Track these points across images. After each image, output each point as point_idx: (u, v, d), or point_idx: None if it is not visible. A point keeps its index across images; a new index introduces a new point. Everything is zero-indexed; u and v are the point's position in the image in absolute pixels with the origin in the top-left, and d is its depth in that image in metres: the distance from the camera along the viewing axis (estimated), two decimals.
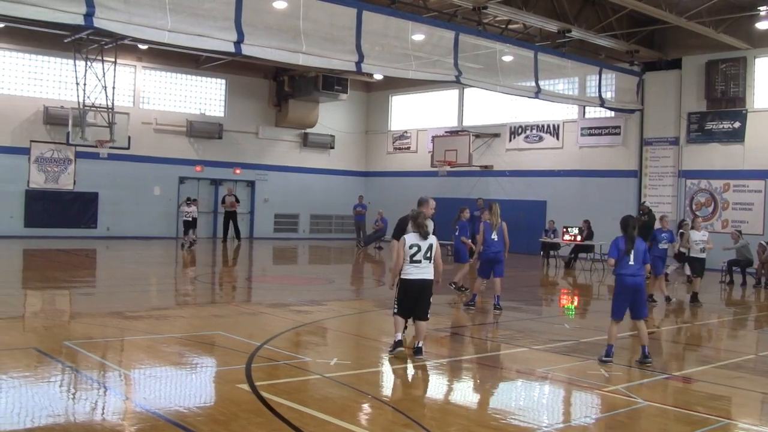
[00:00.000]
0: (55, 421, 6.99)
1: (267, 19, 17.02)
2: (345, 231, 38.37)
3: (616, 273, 10.30)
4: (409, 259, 9.87)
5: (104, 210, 31.38)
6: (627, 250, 10.16)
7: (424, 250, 9.87)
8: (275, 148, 36.29)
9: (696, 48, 26.44)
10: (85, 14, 13.94)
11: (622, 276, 10.21)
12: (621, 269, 10.21)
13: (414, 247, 9.86)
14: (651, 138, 28.05)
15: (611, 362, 10.01)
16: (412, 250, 9.86)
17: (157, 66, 32.79)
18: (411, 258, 9.87)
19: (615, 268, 10.31)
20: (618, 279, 10.30)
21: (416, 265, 9.88)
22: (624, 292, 10.26)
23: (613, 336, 10.24)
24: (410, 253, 9.86)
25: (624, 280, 10.21)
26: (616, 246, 10.26)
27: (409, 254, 9.86)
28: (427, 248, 9.90)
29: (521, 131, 32.50)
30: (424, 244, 9.88)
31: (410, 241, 9.90)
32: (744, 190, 25.70)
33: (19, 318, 13.01)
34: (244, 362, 9.32)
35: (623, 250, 10.17)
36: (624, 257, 10.16)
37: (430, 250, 9.92)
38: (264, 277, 21.92)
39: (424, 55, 20.36)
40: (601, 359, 10.11)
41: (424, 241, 9.89)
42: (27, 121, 29.76)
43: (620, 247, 10.20)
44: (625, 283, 10.21)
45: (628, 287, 10.21)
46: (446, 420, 7.46)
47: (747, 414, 8.43)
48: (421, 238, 9.88)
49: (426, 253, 9.88)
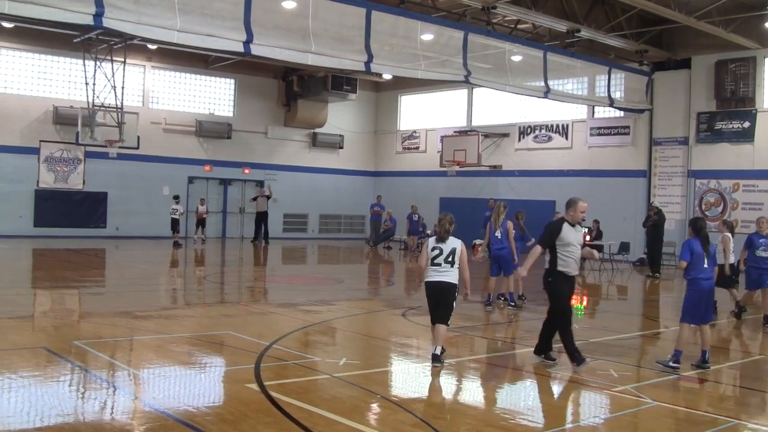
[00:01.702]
0: (64, 420, 7.01)
1: (276, 19, 17.04)
2: (354, 231, 38.40)
3: (691, 277, 9.94)
4: (431, 262, 9.71)
5: (113, 210, 31.45)
6: (706, 254, 9.90)
7: (445, 254, 9.64)
8: (284, 148, 36.32)
9: (705, 48, 26.36)
10: (94, 14, 13.98)
11: (699, 280, 9.91)
12: (697, 273, 9.89)
13: (435, 250, 9.69)
14: (660, 138, 27.97)
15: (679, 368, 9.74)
16: (434, 253, 9.68)
17: (166, 66, 32.85)
18: (432, 261, 9.70)
19: (688, 271, 9.95)
20: (694, 283, 9.94)
21: (436, 268, 9.66)
22: (701, 297, 9.97)
23: (684, 342, 9.95)
24: (432, 255, 9.70)
25: (701, 284, 9.92)
26: (689, 248, 9.92)
27: (431, 256, 9.70)
28: (449, 252, 9.64)
29: (530, 131, 32.45)
30: (445, 247, 9.65)
31: (432, 243, 9.77)
32: (754, 190, 25.60)
33: (29, 317, 13.05)
34: (254, 362, 9.32)
35: (699, 253, 9.89)
36: (699, 260, 9.89)
37: (453, 254, 9.65)
38: (273, 276, 21.93)
39: (433, 55, 20.35)
40: (668, 365, 9.75)
41: (445, 244, 9.68)
42: (36, 120, 29.85)
43: (696, 249, 9.89)
44: (702, 287, 9.93)
45: (705, 291, 9.96)
46: (455, 420, 7.46)
47: (757, 415, 8.39)
48: (441, 240, 9.71)
49: (447, 257, 9.64)
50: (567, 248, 9.63)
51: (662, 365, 9.82)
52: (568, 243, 9.62)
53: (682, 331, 9.98)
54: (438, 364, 9.48)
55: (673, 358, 9.84)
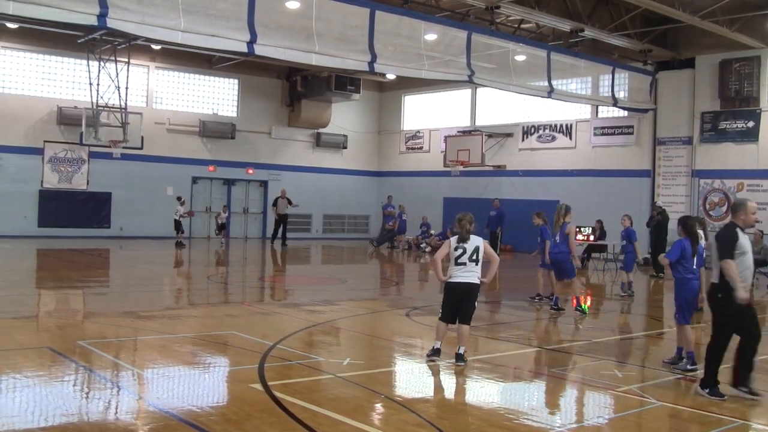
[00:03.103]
0: (68, 420, 7.01)
1: (280, 19, 17.04)
2: (358, 231, 38.41)
3: (682, 276, 9.90)
4: (454, 262, 9.66)
5: (117, 210, 31.50)
6: (693, 253, 9.88)
7: (469, 252, 9.60)
8: (288, 148, 36.34)
9: (709, 47, 26.31)
10: (98, 15, 13.98)
11: (690, 279, 9.89)
12: (687, 272, 9.88)
13: (459, 249, 9.63)
14: (664, 137, 27.94)
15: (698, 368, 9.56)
16: (457, 252, 9.63)
17: (170, 66, 32.88)
18: (456, 260, 9.64)
19: (678, 271, 9.92)
20: (684, 282, 9.91)
21: (461, 268, 9.63)
22: (691, 296, 9.95)
23: (691, 341, 9.88)
24: (455, 255, 9.64)
25: (692, 283, 9.91)
26: (681, 248, 9.86)
27: (454, 256, 9.65)
28: (473, 250, 9.62)
29: (534, 131, 32.43)
30: (468, 246, 9.61)
31: (455, 243, 9.69)
32: (758, 190, 25.54)
33: (33, 317, 13.07)
34: (257, 362, 9.33)
35: (690, 252, 9.84)
36: (689, 260, 9.87)
37: (477, 252, 9.63)
38: (277, 276, 21.93)
39: (437, 55, 20.33)
40: (687, 369, 9.64)
41: (468, 243, 9.62)
42: (41, 121, 29.90)
43: (687, 249, 9.84)
44: (692, 286, 9.92)
45: (694, 290, 9.95)
46: (459, 420, 7.45)
47: (762, 415, 8.37)
48: (463, 240, 9.65)
49: (472, 255, 9.61)
50: (743, 257, 8.55)
51: (680, 370, 9.67)
52: (744, 251, 8.57)
53: (685, 333, 9.91)
54: (462, 363, 9.52)
55: (689, 360, 9.76)
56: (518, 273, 23.40)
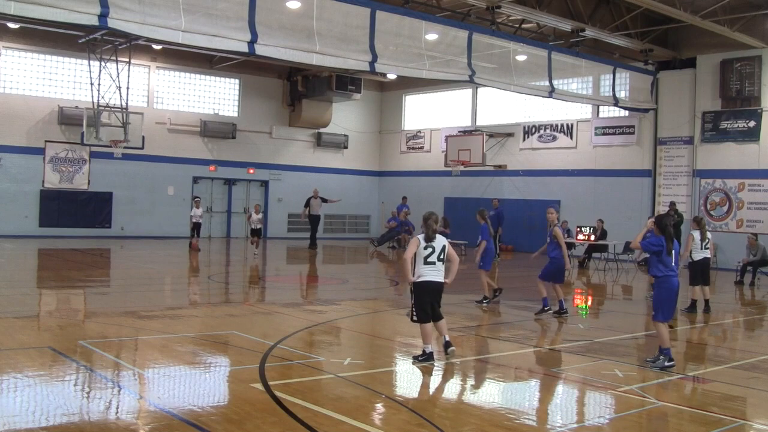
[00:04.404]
0: (69, 420, 7.02)
1: (280, 19, 17.03)
2: (359, 231, 38.42)
3: (662, 274, 9.98)
4: (424, 261, 9.78)
5: (118, 210, 31.52)
6: (669, 250, 9.93)
7: (437, 252, 9.79)
8: (289, 148, 36.35)
9: (710, 47, 26.32)
10: (99, 15, 13.98)
11: (670, 277, 9.98)
12: (667, 270, 9.96)
13: (428, 248, 9.78)
14: (665, 137, 27.94)
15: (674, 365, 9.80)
16: (426, 252, 9.77)
17: (171, 66, 32.90)
18: (425, 260, 9.78)
19: (658, 269, 9.99)
20: (665, 280, 10.00)
21: (431, 267, 9.79)
22: (671, 294, 10.03)
23: (667, 339, 9.98)
24: (425, 254, 9.77)
25: (672, 280, 9.99)
26: (660, 245, 9.93)
27: (423, 255, 9.77)
28: (440, 249, 9.82)
29: (535, 131, 32.43)
30: (436, 245, 9.79)
31: (423, 242, 9.81)
32: (759, 190, 25.56)
33: (35, 317, 13.07)
34: (258, 362, 9.34)
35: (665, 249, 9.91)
36: (668, 258, 9.94)
37: (443, 251, 9.85)
38: (278, 276, 21.94)
39: (438, 55, 20.33)
40: (665, 366, 9.78)
41: (435, 242, 9.80)
42: (42, 121, 29.91)
43: (663, 246, 9.92)
44: (673, 284, 10.00)
45: (675, 288, 10.04)
46: (459, 420, 7.46)
47: (762, 414, 8.38)
48: (430, 240, 9.80)
49: (440, 255, 9.81)
50: None
51: (658, 368, 9.80)
52: None
53: (661, 330, 10.03)
54: (454, 348, 10.04)
55: (666, 357, 9.89)
56: (519, 273, 23.41)
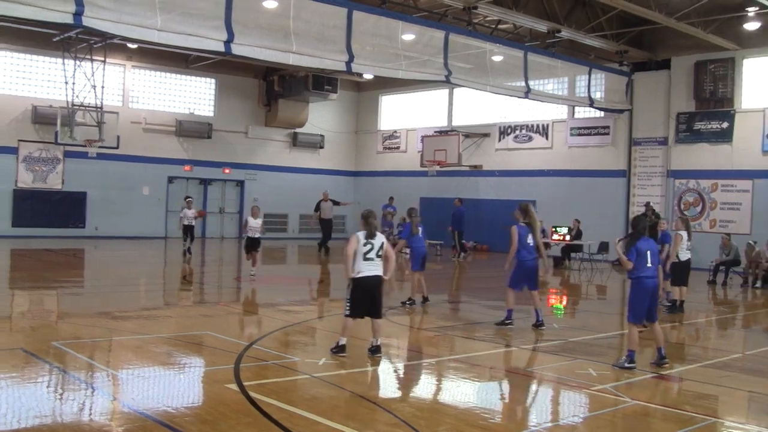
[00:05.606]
0: (42, 421, 6.97)
1: (257, 18, 16.98)
2: (335, 231, 38.02)
3: (635, 276, 10.01)
4: (363, 257, 9.93)
5: (93, 210, 31.28)
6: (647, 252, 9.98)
7: (376, 249, 9.97)
8: (265, 148, 36.25)
9: (685, 48, 26.52)
10: (74, 13, 13.87)
11: (643, 279, 9.99)
12: (640, 272, 9.98)
13: (368, 245, 9.95)
14: (640, 138, 28.12)
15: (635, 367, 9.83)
16: (366, 248, 9.94)
17: (146, 65, 32.70)
18: (364, 256, 9.94)
19: (631, 270, 10.01)
20: (638, 282, 10.02)
21: (369, 263, 9.95)
22: (645, 295, 10.05)
23: (636, 341, 10.04)
24: (364, 251, 9.94)
25: (645, 282, 10.00)
26: (634, 249, 9.96)
27: (362, 252, 9.93)
28: (379, 246, 10.00)
29: (511, 131, 32.54)
30: (375, 242, 9.97)
31: (363, 239, 9.97)
32: (732, 190, 25.79)
33: (6, 318, 12.93)
34: (233, 362, 9.31)
35: (643, 252, 9.95)
36: (642, 259, 9.98)
37: (381, 248, 10.03)
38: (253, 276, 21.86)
39: (414, 55, 20.35)
40: (624, 366, 9.83)
41: (375, 239, 9.98)
42: (15, 120, 29.62)
43: (640, 249, 9.96)
44: (646, 285, 10.01)
45: (649, 290, 10.05)
46: (435, 419, 7.47)
47: (734, 412, 8.46)
48: (370, 236, 9.99)
49: (378, 251, 9.99)
50: None
51: (618, 367, 9.88)
52: None
53: (631, 331, 10.10)
54: (380, 354, 10.02)
55: (628, 358, 9.95)
56: (493, 273, 23.47)
